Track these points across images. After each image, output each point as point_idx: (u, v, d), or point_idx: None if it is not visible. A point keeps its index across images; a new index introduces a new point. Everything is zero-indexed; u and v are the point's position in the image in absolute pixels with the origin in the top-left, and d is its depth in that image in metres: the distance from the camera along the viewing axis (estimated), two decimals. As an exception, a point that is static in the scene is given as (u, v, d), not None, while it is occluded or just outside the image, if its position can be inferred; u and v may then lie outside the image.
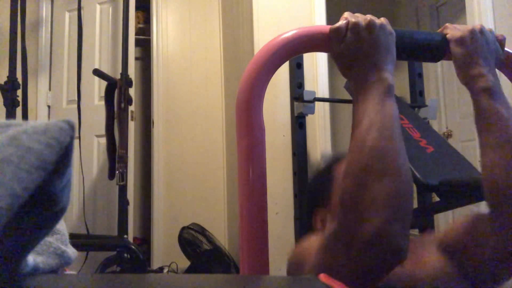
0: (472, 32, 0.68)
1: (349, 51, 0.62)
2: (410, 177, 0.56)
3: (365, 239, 0.51)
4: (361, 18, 0.63)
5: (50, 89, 2.90)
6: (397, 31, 0.67)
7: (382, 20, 0.64)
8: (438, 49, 0.71)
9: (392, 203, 0.52)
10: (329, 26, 0.65)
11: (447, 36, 0.70)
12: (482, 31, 0.69)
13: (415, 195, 2.07)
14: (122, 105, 2.20)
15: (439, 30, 0.73)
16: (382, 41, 0.62)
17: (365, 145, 0.55)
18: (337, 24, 0.63)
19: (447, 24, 0.72)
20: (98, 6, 2.80)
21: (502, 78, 0.80)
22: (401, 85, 3.03)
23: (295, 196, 2.07)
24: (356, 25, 0.62)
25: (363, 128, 0.56)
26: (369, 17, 0.63)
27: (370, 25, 0.62)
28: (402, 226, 0.52)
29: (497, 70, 0.72)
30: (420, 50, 0.71)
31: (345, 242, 0.53)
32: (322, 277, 0.58)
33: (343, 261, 0.53)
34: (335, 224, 0.56)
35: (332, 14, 1.69)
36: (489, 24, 2.20)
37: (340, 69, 0.65)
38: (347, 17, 0.63)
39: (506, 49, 0.73)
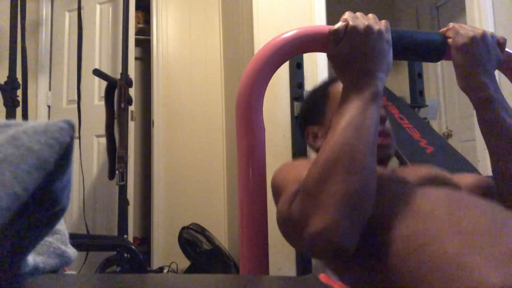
0: (474, 39, 0.68)
1: (345, 55, 0.62)
2: (374, 180, 0.57)
3: (313, 231, 0.53)
4: (360, 22, 0.62)
5: (50, 89, 2.90)
6: (397, 31, 0.67)
7: (382, 24, 0.64)
8: (437, 50, 0.71)
9: (349, 201, 0.54)
10: (328, 27, 0.64)
11: (449, 41, 0.70)
12: (483, 37, 0.69)
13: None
14: (122, 105, 2.20)
15: (442, 30, 0.73)
16: (377, 49, 0.62)
17: (338, 140, 0.57)
18: (336, 26, 0.63)
19: (450, 24, 0.72)
20: (98, 6, 2.80)
21: (503, 78, 0.80)
22: (401, 85, 3.02)
23: (295, 196, 2.07)
24: (354, 29, 0.61)
25: (341, 125, 0.58)
26: (368, 21, 0.62)
27: (368, 31, 0.61)
28: (352, 225, 0.53)
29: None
30: (420, 50, 0.71)
31: (297, 227, 0.56)
32: (322, 277, 0.58)
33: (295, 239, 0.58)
34: (295, 203, 0.58)
35: (332, 14, 1.68)
36: (489, 24, 2.20)
37: (334, 70, 0.65)
38: (347, 18, 0.63)
39: (506, 49, 0.73)
